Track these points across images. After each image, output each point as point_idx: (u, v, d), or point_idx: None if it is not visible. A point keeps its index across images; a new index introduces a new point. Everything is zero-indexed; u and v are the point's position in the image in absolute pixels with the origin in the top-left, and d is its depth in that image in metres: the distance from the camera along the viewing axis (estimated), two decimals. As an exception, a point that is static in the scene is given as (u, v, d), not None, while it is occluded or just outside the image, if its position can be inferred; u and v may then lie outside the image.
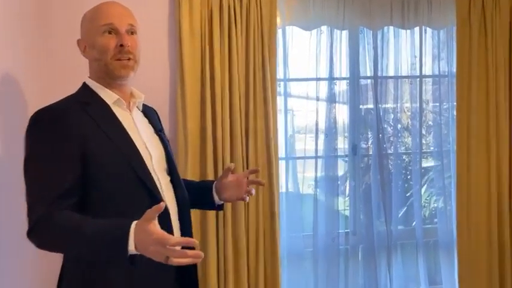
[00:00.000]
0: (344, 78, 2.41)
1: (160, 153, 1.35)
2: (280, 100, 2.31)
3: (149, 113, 1.42)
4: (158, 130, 1.40)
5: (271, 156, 2.17)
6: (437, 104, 2.51)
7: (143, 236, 1.02)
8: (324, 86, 2.38)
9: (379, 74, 2.40)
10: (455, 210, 2.43)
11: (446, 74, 2.49)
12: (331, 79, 2.37)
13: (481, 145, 2.38)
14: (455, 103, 2.41)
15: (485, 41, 2.34)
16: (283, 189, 2.37)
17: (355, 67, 2.40)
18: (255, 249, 2.16)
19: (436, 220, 2.59)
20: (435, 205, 2.62)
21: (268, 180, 2.17)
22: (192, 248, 1.03)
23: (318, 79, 2.36)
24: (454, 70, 2.40)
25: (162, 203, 1.03)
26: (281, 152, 2.31)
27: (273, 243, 2.18)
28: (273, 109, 2.20)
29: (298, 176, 2.41)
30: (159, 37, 2.14)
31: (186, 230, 1.34)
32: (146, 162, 1.26)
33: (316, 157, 2.37)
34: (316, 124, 2.37)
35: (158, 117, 1.49)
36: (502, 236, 2.42)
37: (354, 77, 2.41)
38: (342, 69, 2.39)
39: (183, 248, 1.03)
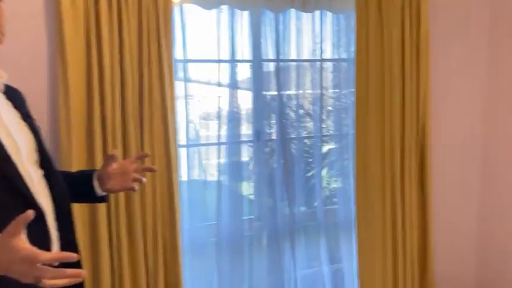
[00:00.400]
0: (246, 61, 2.34)
1: (30, 143, 1.14)
2: (180, 85, 2.17)
3: (13, 95, 1.18)
4: (25, 115, 1.18)
5: (170, 143, 2.03)
6: (337, 90, 2.58)
7: (7, 254, 0.83)
8: (226, 70, 2.29)
9: (281, 57, 2.37)
10: (354, 190, 2.52)
11: (345, 58, 2.54)
12: (233, 61, 2.28)
13: (377, 128, 2.48)
14: (353, 89, 2.47)
15: (382, 26, 2.41)
16: (185, 178, 2.25)
17: (258, 50, 2.34)
18: (153, 243, 2.02)
19: (335, 200, 2.68)
20: (335, 186, 2.70)
21: (167, 168, 2.03)
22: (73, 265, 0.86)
23: (219, 61, 2.26)
24: (353, 55, 2.46)
25: (29, 212, 0.84)
26: (182, 139, 2.19)
27: (173, 235, 2.05)
28: (171, 92, 2.05)
29: (201, 164, 2.31)
30: (34, 10, 1.85)
31: (66, 231, 1.17)
32: (12, 154, 1.05)
33: (219, 143, 2.28)
34: (219, 110, 2.28)
35: (25, 100, 1.26)
36: (395, 214, 2.56)
37: (257, 60, 2.35)
38: (244, 51, 2.31)
39: (61, 265, 0.86)
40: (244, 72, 2.36)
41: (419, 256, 2.75)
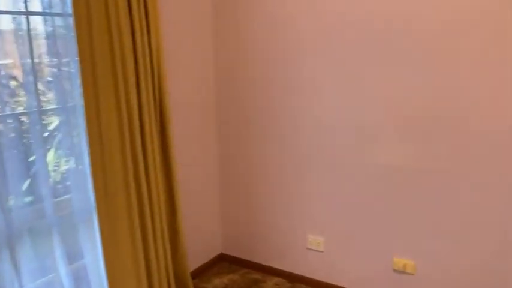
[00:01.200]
0: None
1: None
2: None
3: None
4: None
5: None
6: (55, 59, 2.07)
7: None
8: None
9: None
10: (91, 171, 2.14)
11: (61, 13, 2.04)
12: None
13: (110, 94, 2.13)
14: (76, 58, 2.02)
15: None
16: None
17: None
18: None
19: (68, 184, 2.23)
20: (67, 168, 2.24)
21: None
22: None
23: None
24: (70, 10, 1.99)
25: None
26: None
27: None
28: None
29: None
30: None
31: None
32: None
33: None
34: None
35: None
36: (140, 189, 2.33)
37: None
38: None
39: None
40: None
41: (170, 231, 2.64)
